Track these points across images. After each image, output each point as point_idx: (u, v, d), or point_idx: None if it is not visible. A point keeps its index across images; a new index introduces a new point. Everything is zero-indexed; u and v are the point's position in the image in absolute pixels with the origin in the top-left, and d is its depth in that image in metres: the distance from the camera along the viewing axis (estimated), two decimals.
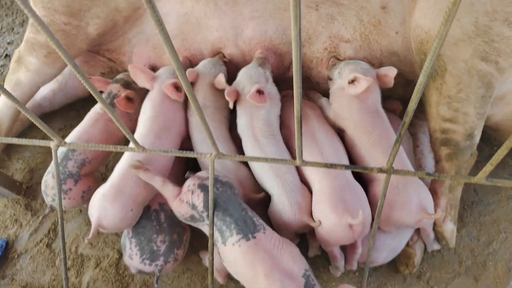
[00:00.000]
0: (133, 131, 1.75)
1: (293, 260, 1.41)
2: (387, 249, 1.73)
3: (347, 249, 1.73)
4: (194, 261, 1.87)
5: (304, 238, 1.75)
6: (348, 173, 1.64)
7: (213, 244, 1.64)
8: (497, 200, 1.93)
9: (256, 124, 1.74)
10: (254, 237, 1.43)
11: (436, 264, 1.83)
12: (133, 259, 1.68)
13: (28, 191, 2.08)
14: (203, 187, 1.52)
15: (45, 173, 1.78)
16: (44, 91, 2.26)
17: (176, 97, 1.75)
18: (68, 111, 2.34)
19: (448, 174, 1.40)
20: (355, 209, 1.51)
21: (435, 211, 1.70)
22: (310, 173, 1.65)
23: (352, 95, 1.68)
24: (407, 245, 1.77)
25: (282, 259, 1.41)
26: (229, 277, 1.80)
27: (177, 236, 1.70)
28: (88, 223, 1.99)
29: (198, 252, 1.87)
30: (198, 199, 1.52)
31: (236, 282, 1.82)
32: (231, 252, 1.45)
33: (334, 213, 1.52)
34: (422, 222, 1.60)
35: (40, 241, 1.96)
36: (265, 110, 1.76)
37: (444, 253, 1.84)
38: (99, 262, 1.88)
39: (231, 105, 1.78)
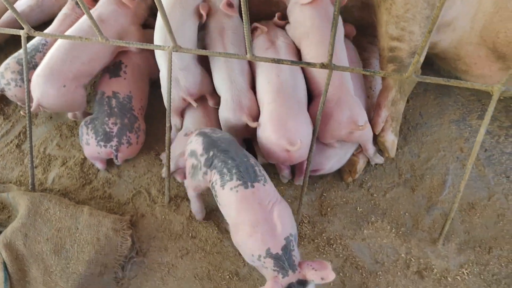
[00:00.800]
0: None
1: (281, 221, 1.45)
2: (334, 157, 1.87)
3: (295, 167, 1.88)
4: (155, 164, 2.01)
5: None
6: (300, 102, 1.76)
7: (169, 139, 1.77)
8: (440, 123, 2.08)
9: (226, 32, 1.88)
10: (253, 186, 1.47)
11: (378, 175, 1.98)
12: (90, 143, 1.85)
13: (1, 97, 2.17)
14: (202, 133, 1.60)
15: (10, 57, 1.91)
16: (22, 6, 2.34)
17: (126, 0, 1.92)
18: (43, 29, 2.42)
19: (382, 71, 1.53)
20: (295, 137, 1.63)
21: (376, 121, 1.85)
22: (262, 96, 1.77)
23: (303, 4, 1.81)
24: (352, 154, 1.92)
25: (272, 215, 1.44)
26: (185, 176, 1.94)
27: (128, 121, 1.90)
28: (57, 128, 2.11)
29: (159, 155, 2.01)
30: (197, 144, 1.58)
31: None
32: (228, 195, 1.50)
33: (274, 136, 1.65)
34: (354, 134, 1.75)
35: (11, 142, 2.08)
36: (234, 22, 1.90)
37: (386, 167, 1.99)
38: (65, 161, 2.01)
39: (204, 17, 1.90)
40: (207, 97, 1.88)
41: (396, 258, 1.78)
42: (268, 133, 1.65)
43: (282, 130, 1.63)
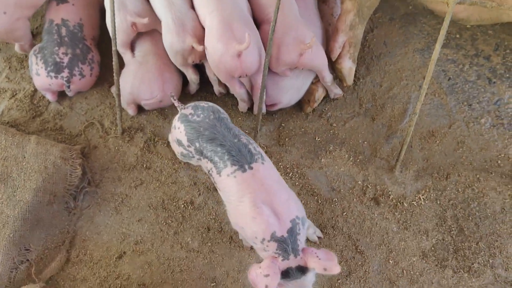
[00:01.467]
0: None
1: (287, 203, 1.32)
2: (291, 89, 1.81)
3: (253, 96, 1.82)
4: (108, 95, 1.94)
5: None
6: (244, 15, 1.68)
7: (117, 64, 1.70)
8: (404, 53, 2.02)
9: None
10: (251, 168, 1.32)
11: (338, 105, 1.93)
12: (40, 74, 1.78)
13: None
14: (182, 118, 1.42)
15: None
16: None
17: None
18: None
19: None
20: (242, 36, 1.54)
21: (333, 46, 1.79)
22: (203, 10, 1.68)
23: None
24: (311, 83, 1.86)
25: (277, 196, 1.31)
26: (139, 109, 1.89)
27: (80, 52, 1.81)
28: (6, 60, 2.02)
29: (110, 87, 1.94)
30: (180, 134, 1.42)
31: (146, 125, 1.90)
32: (226, 181, 1.36)
33: (220, 42, 1.57)
34: (305, 57, 1.67)
35: None
36: None
37: (347, 97, 1.94)
38: (15, 93, 1.93)
39: None
40: None
41: (352, 185, 1.76)
42: (214, 41, 1.57)
43: (228, 32, 1.55)
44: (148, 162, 1.81)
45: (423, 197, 1.73)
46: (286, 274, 1.26)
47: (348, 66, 1.82)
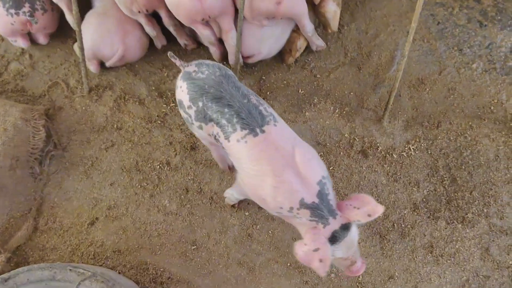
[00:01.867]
0: None
1: (310, 163, 1.17)
2: (270, 38, 1.68)
3: (224, 42, 1.68)
4: (73, 53, 1.79)
5: None
6: None
7: (78, 13, 1.54)
8: None
9: None
10: (263, 131, 1.17)
11: (322, 56, 1.81)
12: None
13: None
14: (185, 75, 1.25)
15: None
16: None
17: None
18: None
19: None
20: None
21: None
22: None
23: None
24: (293, 31, 1.73)
25: (296, 158, 1.16)
26: (101, 66, 1.75)
27: None
28: None
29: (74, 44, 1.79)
30: (182, 93, 1.25)
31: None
32: (236, 148, 1.20)
33: None
34: (283, 5, 1.53)
35: None
36: None
37: (331, 46, 1.82)
38: None
39: None
40: None
41: (339, 138, 1.66)
42: None
43: None
44: (119, 122, 1.68)
45: (413, 147, 1.64)
46: (333, 238, 1.15)
47: (332, 10, 1.69)
